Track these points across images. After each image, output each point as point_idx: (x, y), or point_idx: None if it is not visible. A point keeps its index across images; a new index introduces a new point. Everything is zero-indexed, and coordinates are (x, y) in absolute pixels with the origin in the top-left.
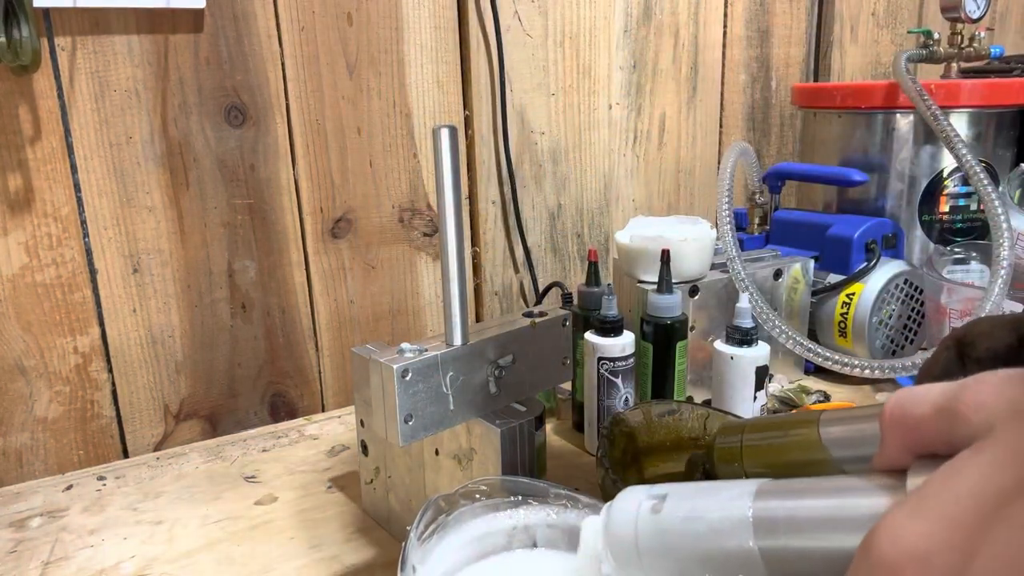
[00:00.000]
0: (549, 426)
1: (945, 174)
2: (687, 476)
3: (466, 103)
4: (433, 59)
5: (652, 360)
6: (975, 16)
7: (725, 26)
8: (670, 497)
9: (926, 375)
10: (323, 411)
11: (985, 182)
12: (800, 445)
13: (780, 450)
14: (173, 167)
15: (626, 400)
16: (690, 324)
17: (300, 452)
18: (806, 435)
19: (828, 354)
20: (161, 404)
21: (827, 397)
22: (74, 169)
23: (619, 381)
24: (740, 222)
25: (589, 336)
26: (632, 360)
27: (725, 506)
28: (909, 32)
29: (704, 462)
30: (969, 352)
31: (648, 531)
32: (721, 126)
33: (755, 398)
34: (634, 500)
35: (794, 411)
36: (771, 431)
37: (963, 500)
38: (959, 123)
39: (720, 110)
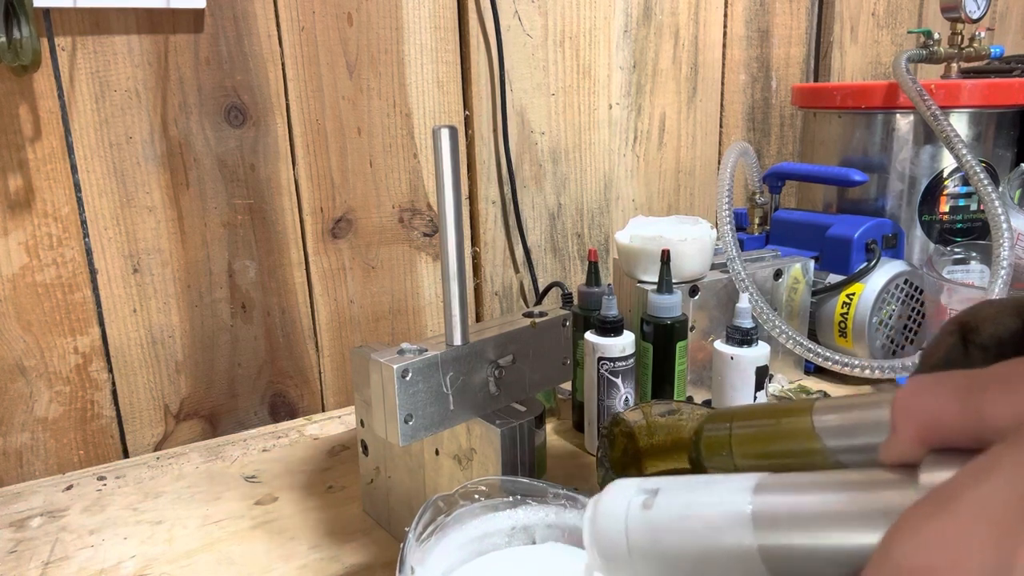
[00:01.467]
0: (549, 426)
1: (945, 174)
2: (677, 469)
3: (466, 103)
4: (433, 59)
5: (652, 360)
6: (975, 16)
7: (725, 26)
8: (662, 492)
9: (928, 361)
10: (323, 411)
11: (985, 182)
12: (792, 433)
13: (771, 438)
14: (173, 167)
15: (626, 400)
16: (690, 324)
17: (300, 452)
18: (799, 423)
19: (828, 354)
20: (161, 404)
21: (827, 397)
22: (74, 169)
23: (619, 381)
24: (740, 222)
25: (589, 336)
26: (632, 360)
27: (722, 501)
28: (909, 32)
29: (691, 452)
30: (973, 338)
31: (639, 529)
32: (721, 126)
33: (755, 398)
34: (623, 495)
35: (787, 401)
36: (762, 419)
37: (1002, 498)
38: (959, 123)
39: (720, 110)
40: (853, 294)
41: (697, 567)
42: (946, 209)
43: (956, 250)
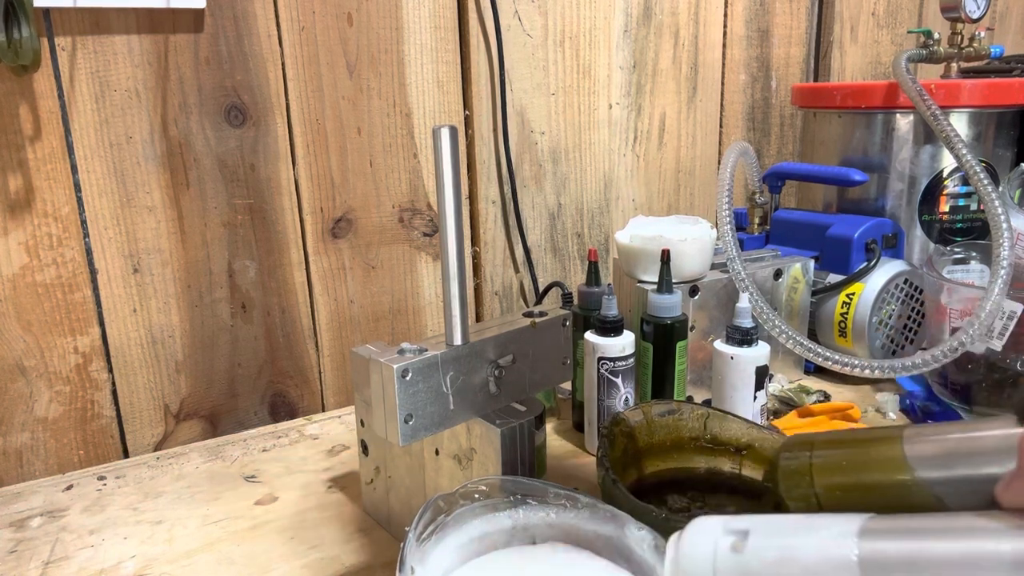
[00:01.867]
0: (549, 426)
1: (945, 174)
2: (765, 501)
3: (466, 103)
4: (433, 59)
5: (652, 360)
6: (975, 16)
7: (725, 26)
8: (753, 534)
9: None
10: (323, 411)
11: (985, 182)
12: (882, 464)
13: (858, 468)
14: (173, 167)
15: (626, 400)
16: (690, 324)
17: (300, 452)
18: (889, 452)
19: (828, 354)
20: (161, 404)
21: (827, 397)
22: (74, 169)
23: (619, 381)
24: (740, 222)
25: (589, 336)
26: (632, 360)
27: (825, 546)
28: (909, 32)
29: (767, 480)
30: None
31: (729, 572)
32: (721, 126)
33: (755, 398)
34: (709, 535)
35: (872, 428)
36: (847, 447)
37: None
38: (959, 123)
39: (720, 110)
40: (853, 294)
41: None
42: (946, 209)
43: (956, 250)
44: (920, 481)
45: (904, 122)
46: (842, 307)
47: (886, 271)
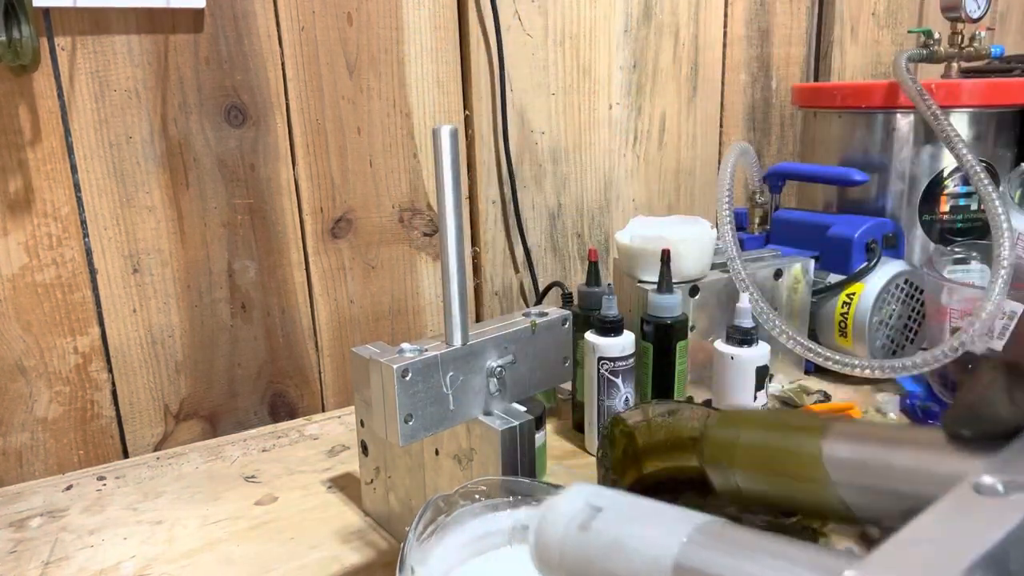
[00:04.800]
0: (549, 426)
1: (945, 174)
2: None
3: (466, 103)
4: (433, 59)
5: (652, 360)
6: (975, 16)
7: (725, 26)
8: (604, 513)
9: (967, 399)
10: (323, 411)
11: (985, 182)
12: (798, 458)
13: (775, 456)
14: (173, 167)
15: (626, 400)
16: (690, 324)
17: (300, 452)
18: (807, 447)
19: (828, 354)
20: (161, 404)
21: (827, 397)
22: (74, 169)
23: (619, 381)
24: (740, 222)
25: (589, 336)
26: (632, 360)
27: (651, 545)
28: (909, 32)
29: (694, 448)
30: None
31: (572, 549)
32: (721, 126)
33: (755, 398)
34: (571, 506)
35: (806, 410)
36: (772, 431)
37: None
38: (959, 123)
39: (720, 110)
40: (853, 294)
41: None
42: (946, 209)
43: (956, 250)
44: (832, 484)
45: (904, 122)
46: (842, 307)
47: (886, 271)
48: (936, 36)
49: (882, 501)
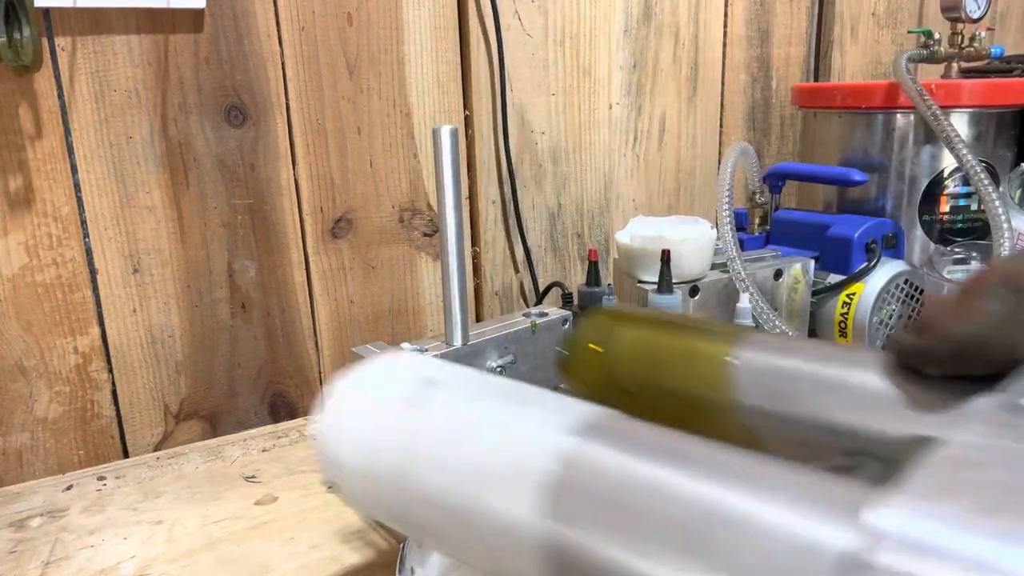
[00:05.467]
0: None
1: (945, 174)
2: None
3: (466, 103)
4: (433, 59)
5: None
6: (975, 16)
7: (725, 26)
8: (442, 389)
9: (966, 329)
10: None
11: (985, 182)
12: (698, 372)
13: (666, 365)
14: (173, 167)
15: None
16: None
17: (300, 452)
18: (711, 358)
19: None
20: (161, 404)
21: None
22: (74, 169)
23: None
24: (740, 222)
25: None
26: None
27: (524, 446)
28: (909, 32)
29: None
30: None
31: (392, 434)
32: (721, 126)
33: None
34: (389, 376)
35: (710, 321)
36: (667, 332)
37: None
38: (959, 123)
39: (720, 110)
40: (853, 294)
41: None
42: (946, 209)
43: (956, 250)
44: (738, 411)
45: (904, 122)
46: (842, 307)
47: (886, 271)
48: (936, 36)
49: (797, 431)
